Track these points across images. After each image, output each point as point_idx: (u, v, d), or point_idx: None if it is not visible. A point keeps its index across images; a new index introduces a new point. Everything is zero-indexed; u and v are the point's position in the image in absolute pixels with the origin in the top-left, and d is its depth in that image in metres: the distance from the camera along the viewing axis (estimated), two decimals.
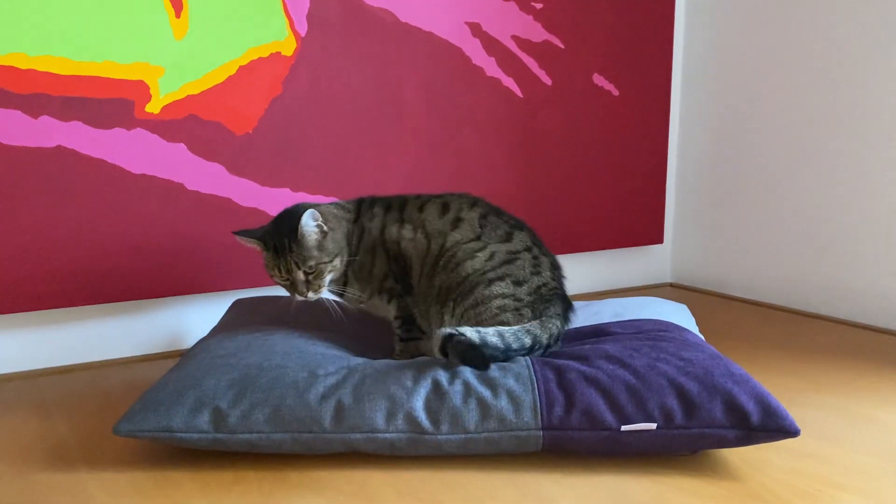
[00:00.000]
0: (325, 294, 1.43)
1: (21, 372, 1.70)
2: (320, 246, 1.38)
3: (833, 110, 2.05)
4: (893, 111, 1.92)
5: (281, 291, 1.89)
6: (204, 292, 1.82)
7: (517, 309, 1.36)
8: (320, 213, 1.39)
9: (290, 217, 1.39)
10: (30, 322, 1.70)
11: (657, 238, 2.48)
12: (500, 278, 1.39)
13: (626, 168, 2.37)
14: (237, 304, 1.71)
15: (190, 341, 1.83)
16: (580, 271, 2.38)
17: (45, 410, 1.46)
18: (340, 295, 1.47)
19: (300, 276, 1.37)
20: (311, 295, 1.38)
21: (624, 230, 2.41)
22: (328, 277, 1.40)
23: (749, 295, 2.33)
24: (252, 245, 1.43)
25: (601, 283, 2.43)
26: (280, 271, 1.39)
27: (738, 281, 2.37)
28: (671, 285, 2.54)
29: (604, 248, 2.39)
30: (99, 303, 1.71)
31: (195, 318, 1.85)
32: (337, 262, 1.40)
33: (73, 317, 1.74)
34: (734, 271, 2.38)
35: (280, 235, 1.38)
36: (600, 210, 2.34)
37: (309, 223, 1.36)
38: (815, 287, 2.14)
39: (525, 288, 1.39)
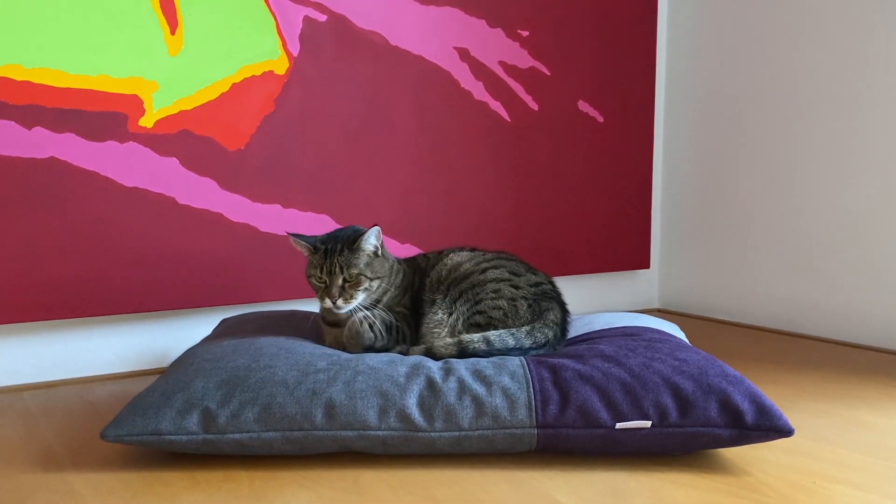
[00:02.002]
0: (351, 308, 1.39)
1: (6, 386, 1.67)
2: (368, 262, 1.40)
3: (815, 136, 2.11)
4: (874, 137, 1.97)
5: (269, 306, 1.89)
6: (193, 308, 1.81)
7: (513, 298, 1.38)
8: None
9: (353, 231, 1.43)
10: (15, 334, 1.68)
11: (643, 263, 2.50)
12: (494, 267, 1.42)
13: (612, 193, 2.40)
14: (225, 322, 1.70)
15: None
16: (566, 295, 2.37)
17: (31, 419, 1.43)
18: (369, 309, 1.41)
19: (339, 280, 1.37)
20: (339, 302, 1.37)
21: (610, 255, 2.43)
22: (361, 295, 1.39)
23: (736, 318, 2.35)
24: (300, 247, 1.43)
25: (588, 307, 2.43)
26: (322, 272, 1.38)
27: (724, 305, 2.39)
28: (658, 310, 2.55)
29: (591, 272, 2.40)
30: (87, 316, 1.69)
31: (183, 335, 1.83)
32: (374, 284, 1.41)
33: (59, 330, 1.72)
34: (721, 295, 2.41)
35: (336, 241, 1.40)
36: (587, 234, 2.37)
37: (371, 238, 1.40)
38: (800, 308, 2.17)
39: (523, 280, 1.41)
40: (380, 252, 1.43)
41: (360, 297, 1.38)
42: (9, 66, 1.57)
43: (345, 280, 1.37)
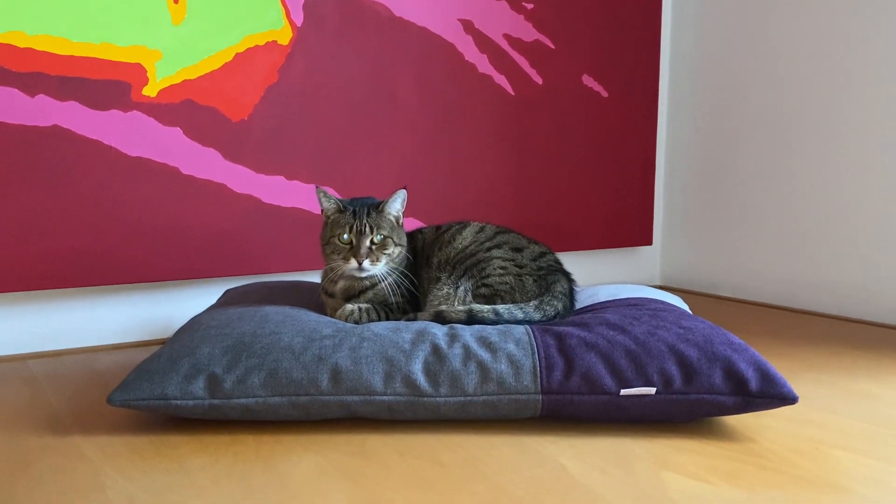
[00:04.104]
0: (376, 272, 1.39)
1: (11, 355, 1.67)
2: (393, 227, 1.41)
3: (818, 114, 2.10)
4: (877, 115, 1.96)
5: (272, 278, 1.89)
6: (197, 278, 1.81)
7: (519, 275, 1.38)
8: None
9: (375, 200, 1.44)
10: (20, 303, 1.69)
11: (646, 239, 2.50)
12: (497, 246, 1.42)
13: (616, 169, 2.40)
14: (229, 293, 1.70)
15: None
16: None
17: (37, 386, 1.44)
18: (389, 275, 1.42)
19: (367, 241, 1.37)
20: (366, 264, 1.37)
21: (613, 231, 2.43)
22: (384, 260, 1.39)
23: (737, 294, 2.35)
24: (327, 204, 1.43)
25: (590, 283, 2.43)
26: (350, 230, 1.37)
27: (726, 282, 2.40)
28: (660, 287, 2.55)
29: (593, 249, 2.40)
30: (90, 285, 1.69)
31: (187, 305, 1.83)
32: (396, 251, 1.41)
33: (64, 299, 1.72)
34: (722, 272, 2.41)
35: (361, 204, 1.41)
36: (590, 210, 2.36)
37: (398, 202, 1.42)
38: (801, 284, 2.17)
39: (526, 253, 1.42)
40: (400, 221, 1.44)
41: (383, 261, 1.39)
42: (11, 33, 1.56)
43: (372, 242, 1.37)
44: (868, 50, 1.97)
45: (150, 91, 1.70)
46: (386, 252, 1.39)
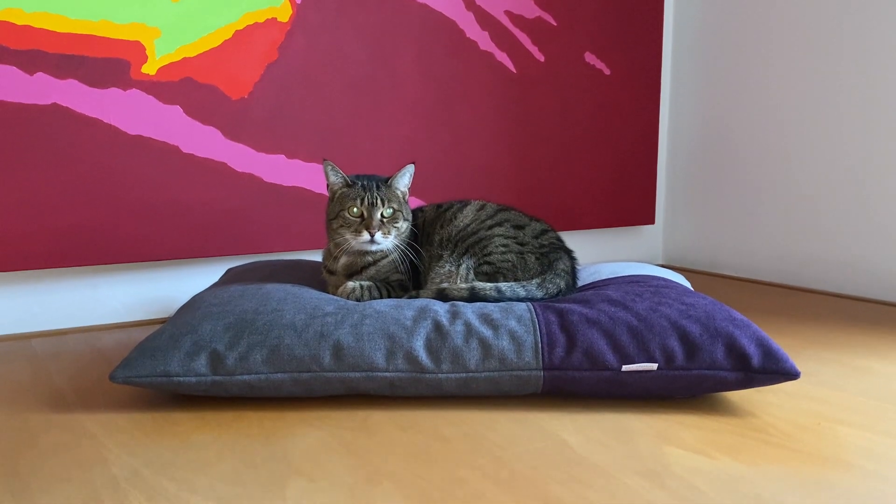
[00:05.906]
0: (386, 245, 1.39)
1: (13, 334, 1.68)
2: (401, 202, 1.42)
3: (819, 94, 2.08)
4: (873, 97, 1.95)
5: (273, 257, 1.88)
6: (198, 257, 1.80)
7: (521, 253, 1.38)
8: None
9: (381, 176, 1.44)
10: (21, 282, 1.69)
11: (649, 219, 2.50)
12: (499, 224, 1.42)
13: (618, 148, 2.39)
14: (231, 271, 1.70)
15: None
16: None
17: (40, 364, 1.44)
18: (396, 249, 1.43)
19: (378, 214, 1.37)
20: (378, 236, 1.36)
21: (616, 210, 2.42)
22: (393, 233, 1.39)
23: (740, 273, 2.35)
24: (334, 177, 1.42)
25: (593, 262, 2.43)
26: (361, 203, 1.37)
27: (729, 260, 2.39)
28: (663, 266, 2.55)
29: (595, 227, 2.40)
30: (91, 264, 1.69)
31: (188, 284, 1.83)
32: (404, 226, 1.42)
33: (65, 279, 1.72)
34: (725, 250, 2.40)
35: (369, 179, 1.41)
36: (592, 189, 2.35)
37: (405, 176, 1.43)
38: (803, 262, 2.16)
39: (528, 230, 1.41)
40: (407, 196, 1.45)
41: (393, 234, 1.39)
42: (9, 10, 1.55)
43: (382, 215, 1.38)
44: (874, 23, 1.96)
45: (149, 69, 1.68)
46: (396, 225, 1.39)
